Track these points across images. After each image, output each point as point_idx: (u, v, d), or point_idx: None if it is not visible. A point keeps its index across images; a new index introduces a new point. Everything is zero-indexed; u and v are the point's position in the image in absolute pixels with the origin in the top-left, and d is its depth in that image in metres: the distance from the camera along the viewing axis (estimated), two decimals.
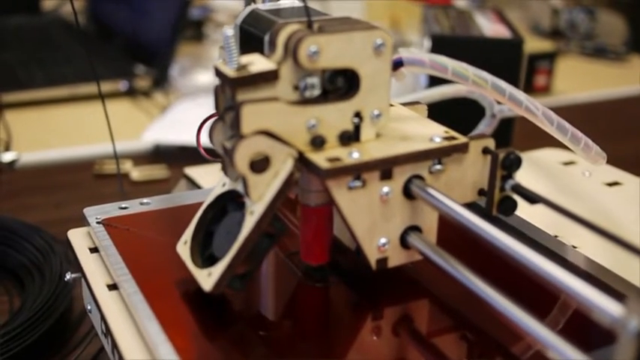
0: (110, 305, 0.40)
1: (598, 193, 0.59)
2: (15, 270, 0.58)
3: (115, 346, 0.37)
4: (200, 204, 0.41)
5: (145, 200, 0.50)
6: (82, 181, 0.79)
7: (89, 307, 0.44)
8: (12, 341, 0.49)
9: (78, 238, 0.47)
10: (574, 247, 0.46)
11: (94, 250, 0.45)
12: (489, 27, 0.82)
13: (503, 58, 0.76)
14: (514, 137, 0.80)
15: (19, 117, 0.95)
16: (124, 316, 0.39)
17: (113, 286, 0.41)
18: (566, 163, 0.65)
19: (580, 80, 1.21)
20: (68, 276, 0.46)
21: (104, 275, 0.43)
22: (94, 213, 0.47)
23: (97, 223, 0.46)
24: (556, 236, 0.47)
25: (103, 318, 0.40)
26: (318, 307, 0.42)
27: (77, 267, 0.45)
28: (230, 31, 0.36)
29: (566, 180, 0.62)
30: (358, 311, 0.40)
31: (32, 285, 0.55)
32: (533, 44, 1.13)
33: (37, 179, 0.80)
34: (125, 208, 0.48)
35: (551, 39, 1.35)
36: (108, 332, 0.39)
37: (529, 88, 1.09)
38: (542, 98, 1.08)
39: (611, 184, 0.61)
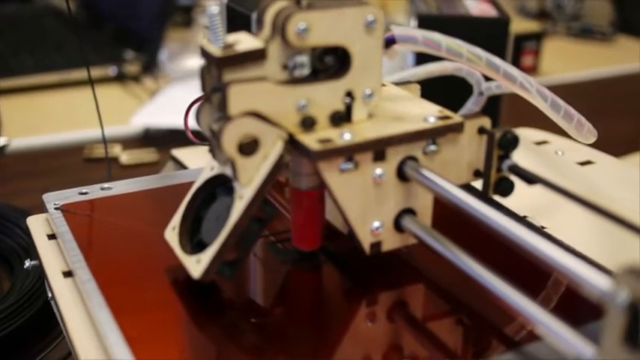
0: (64, 292, 0.39)
1: (571, 172, 0.59)
2: (4, 254, 0.58)
3: (67, 333, 0.36)
4: (163, 189, 0.40)
5: (106, 185, 0.49)
6: (72, 165, 0.79)
7: (50, 295, 0.43)
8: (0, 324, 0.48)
9: (37, 224, 0.45)
10: (543, 227, 0.45)
11: (52, 237, 0.44)
12: (475, 6, 0.81)
13: (489, 37, 0.75)
14: (502, 115, 0.79)
15: (10, 103, 0.94)
16: (77, 304, 0.38)
17: (69, 274, 0.40)
18: (539, 143, 0.64)
19: (566, 61, 1.21)
20: (27, 263, 0.45)
21: (61, 262, 0.41)
22: (52, 199, 0.46)
23: (55, 209, 0.45)
24: (525, 217, 0.46)
25: (56, 305, 0.39)
26: (309, 295, 0.40)
27: (36, 254, 0.44)
28: (215, 8, 0.35)
29: (539, 159, 0.61)
30: (351, 297, 0.39)
31: (21, 269, 0.54)
32: (520, 25, 1.13)
33: (28, 164, 0.80)
34: (85, 193, 0.47)
35: (538, 20, 1.34)
36: (62, 319, 0.38)
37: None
38: None
39: (583, 163, 0.60)
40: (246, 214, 0.36)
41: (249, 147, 0.36)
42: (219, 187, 0.39)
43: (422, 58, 0.65)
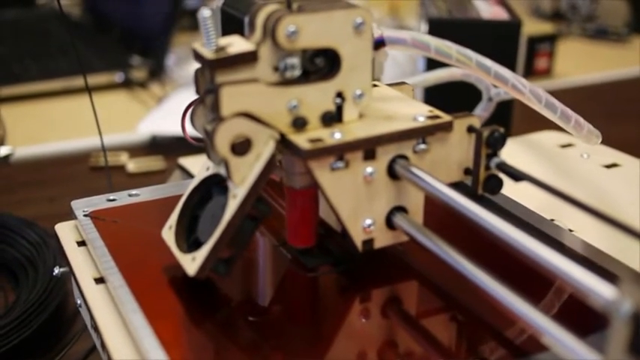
0: (97, 299, 0.39)
1: (596, 175, 0.59)
2: (9, 265, 0.58)
3: (102, 340, 0.37)
4: None
5: (133, 192, 0.49)
6: (78, 174, 0.79)
7: (79, 302, 0.44)
8: (6, 336, 0.48)
9: (65, 231, 0.46)
10: (570, 230, 0.45)
11: (81, 243, 0.45)
12: (487, 9, 0.82)
13: (500, 40, 0.76)
14: (514, 121, 0.79)
15: (13, 111, 0.94)
16: (110, 310, 0.38)
17: (100, 280, 0.41)
18: (564, 146, 0.65)
19: (581, 62, 1.20)
20: (57, 270, 0.45)
21: (91, 269, 0.42)
22: (81, 206, 0.47)
23: (84, 215, 0.45)
24: (552, 220, 0.46)
25: (90, 312, 0.39)
26: (306, 292, 0.41)
27: (65, 261, 0.44)
28: (207, 12, 0.36)
29: (563, 162, 0.61)
30: (346, 294, 0.40)
31: (26, 280, 0.55)
32: (534, 27, 1.12)
33: (32, 173, 0.79)
34: (113, 200, 0.48)
35: (552, 21, 1.34)
36: (95, 326, 0.38)
37: (530, 71, 1.08)
38: (543, 81, 1.07)
39: (609, 166, 0.60)
40: (239, 212, 0.37)
41: (241, 147, 0.36)
42: (215, 186, 0.40)
43: (433, 65, 0.65)
